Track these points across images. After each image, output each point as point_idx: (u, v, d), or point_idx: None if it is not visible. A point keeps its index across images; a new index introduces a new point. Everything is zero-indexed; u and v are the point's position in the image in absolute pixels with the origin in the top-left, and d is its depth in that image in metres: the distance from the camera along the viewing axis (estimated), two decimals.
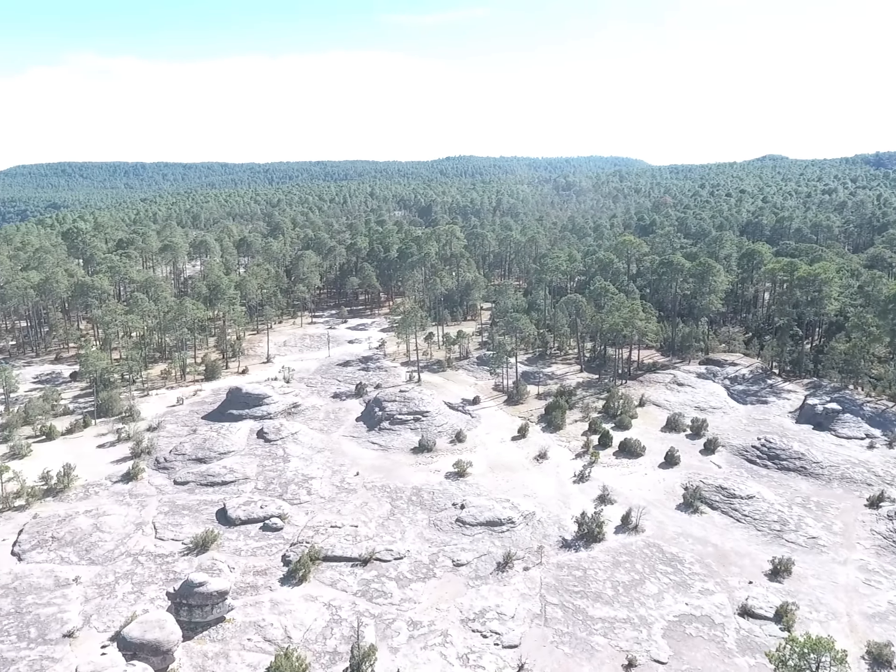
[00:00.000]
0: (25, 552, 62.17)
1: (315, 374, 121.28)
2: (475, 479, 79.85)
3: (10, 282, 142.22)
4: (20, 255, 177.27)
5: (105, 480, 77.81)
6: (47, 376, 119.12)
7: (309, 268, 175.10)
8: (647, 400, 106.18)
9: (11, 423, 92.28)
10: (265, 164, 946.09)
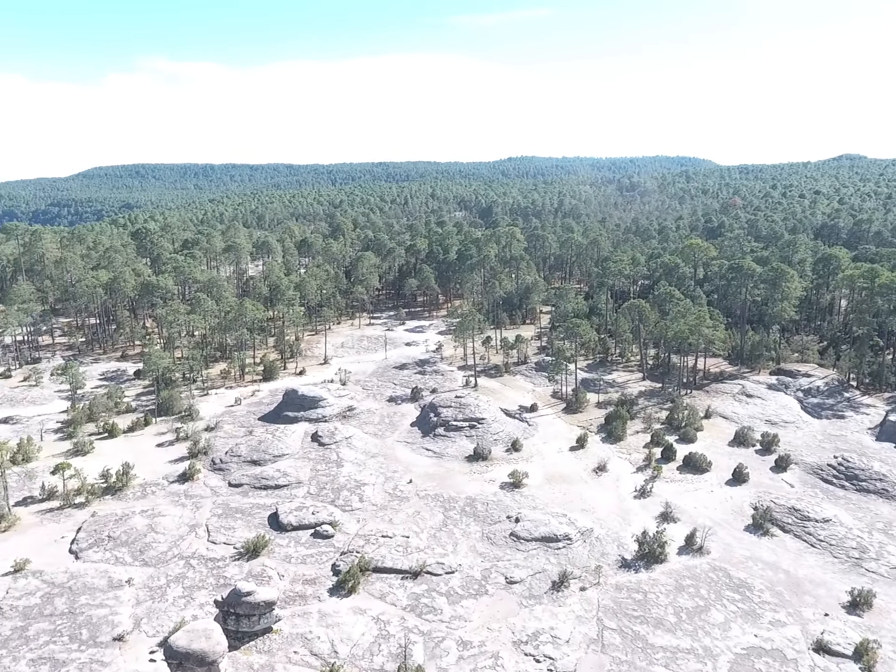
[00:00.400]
0: (82, 551, 62.89)
1: (371, 376, 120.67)
2: (531, 491, 77.38)
3: (80, 280, 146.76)
4: (92, 255, 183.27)
5: (162, 480, 78.52)
6: (112, 374, 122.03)
7: (368, 269, 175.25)
8: (713, 412, 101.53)
9: (76, 420, 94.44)
10: (329, 165, 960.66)
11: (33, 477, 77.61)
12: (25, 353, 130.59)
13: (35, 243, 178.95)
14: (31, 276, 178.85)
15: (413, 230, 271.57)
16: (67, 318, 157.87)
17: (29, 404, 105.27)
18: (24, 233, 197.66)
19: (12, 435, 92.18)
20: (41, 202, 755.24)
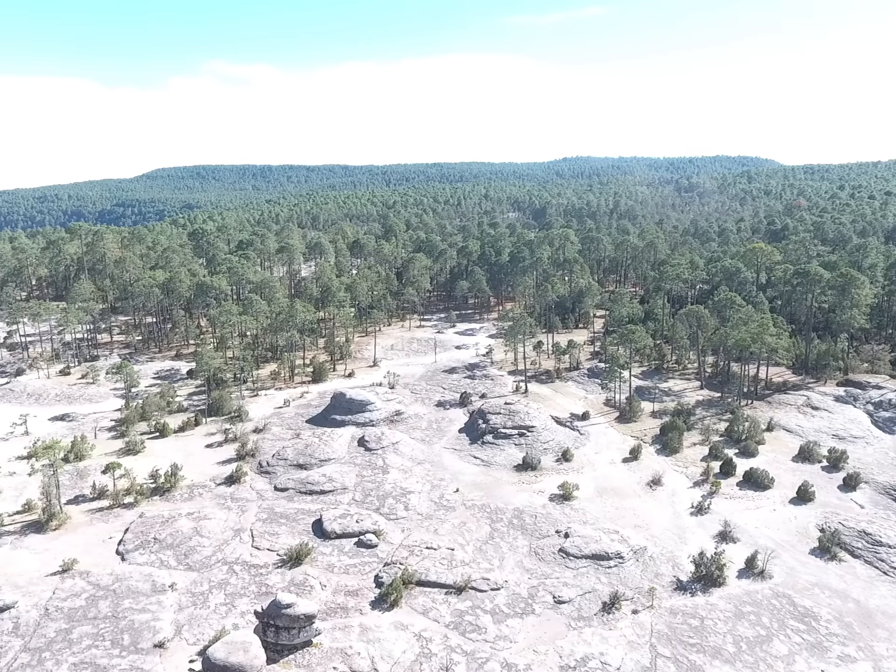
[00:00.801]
0: (129, 552, 63.07)
1: (420, 380, 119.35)
2: (581, 504, 74.66)
3: (138, 280, 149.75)
4: (150, 255, 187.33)
5: (209, 482, 78.60)
6: (166, 372, 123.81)
7: (419, 271, 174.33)
8: (775, 424, 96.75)
9: (129, 419, 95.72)
10: (383, 166, 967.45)
11: (85, 475, 78.71)
12: (84, 350, 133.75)
13: (97, 243, 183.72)
14: (93, 274, 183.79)
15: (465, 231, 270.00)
16: (126, 317, 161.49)
17: (85, 402, 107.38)
18: (87, 233, 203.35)
19: (68, 432, 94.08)
20: (107, 202, 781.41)
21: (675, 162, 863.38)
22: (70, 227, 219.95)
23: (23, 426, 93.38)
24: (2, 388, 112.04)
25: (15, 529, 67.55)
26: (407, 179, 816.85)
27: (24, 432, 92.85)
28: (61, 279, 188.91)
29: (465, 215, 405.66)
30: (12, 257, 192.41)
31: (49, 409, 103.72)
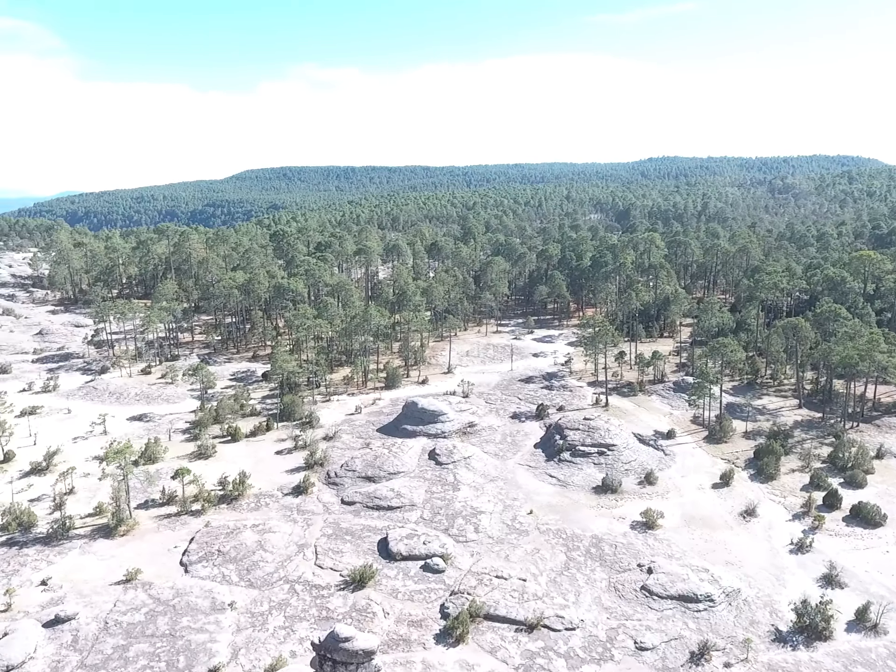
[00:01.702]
0: (192, 564, 61.72)
1: (495, 389, 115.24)
2: (666, 535, 68.85)
3: (219, 280, 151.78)
4: (233, 255, 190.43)
5: (276, 491, 76.95)
6: (242, 374, 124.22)
7: (497, 275, 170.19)
8: (886, 451, 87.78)
9: (203, 422, 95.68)
10: (464, 167, 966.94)
11: (156, 479, 78.46)
12: (166, 350, 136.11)
13: (183, 243, 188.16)
14: (178, 274, 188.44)
15: (545, 234, 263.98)
16: (208, 316, 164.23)
17: (163, 402, 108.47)
18: (174, 233, 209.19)
19: (144, 433, 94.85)
20: (198, 203, 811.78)
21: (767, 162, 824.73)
22: (158, 227, 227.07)
23: (101, 426, 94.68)
24: (86, 386, 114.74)
25: (85, 533, 67.53)
26: (488, 180, 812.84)
27: (103, 432, 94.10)
28: (149, 278, 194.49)
29: (546, 217, 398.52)
30: (105, 256, 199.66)
31: (128, 408, 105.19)
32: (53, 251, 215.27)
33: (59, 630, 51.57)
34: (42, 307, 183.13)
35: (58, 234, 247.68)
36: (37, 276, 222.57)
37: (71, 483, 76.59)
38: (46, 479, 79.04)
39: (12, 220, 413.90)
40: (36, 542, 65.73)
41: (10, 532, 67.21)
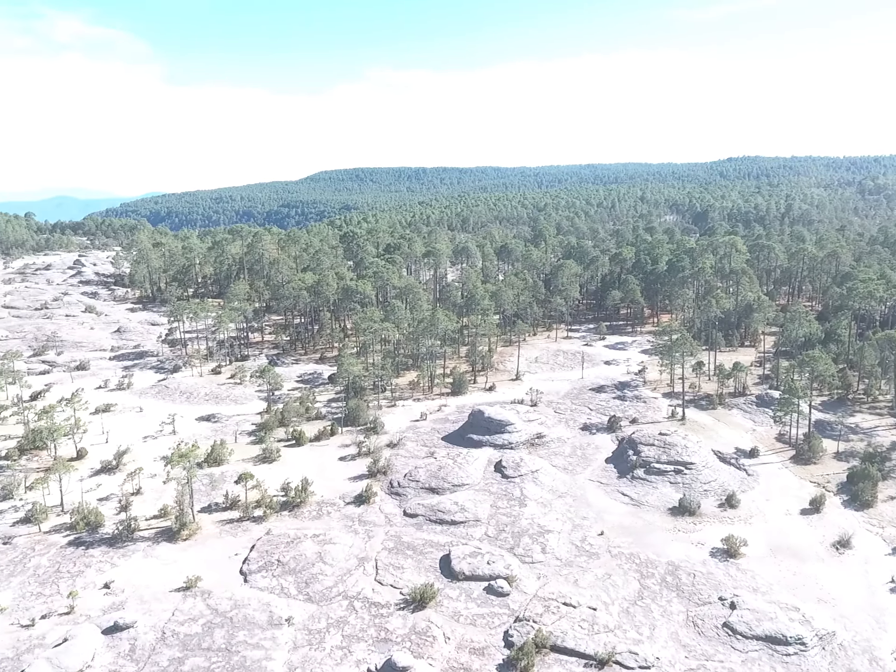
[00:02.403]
0: (251, 573, 60.63)
1: (565, 398, 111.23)
2: (750, 565, 63.77)
3: (289, 281, 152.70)
4: (304, 256, 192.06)
5: (338, 500, 75.43)
6: (309, 376, 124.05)
7: (569, 278, 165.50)
8: None
9: (268, 425, 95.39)
10: (536, 167, 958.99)
11: (220, 482, 78.29)
12: (236, 349, 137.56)
13: (256, 244, 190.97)
14: (251, 274, 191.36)
15: (619, 236, 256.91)
16: (278, 317, 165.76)
17: (231, 403, 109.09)
18: (248, 234, 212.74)
19: (211, 433, 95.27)
20: (274, 203, 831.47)
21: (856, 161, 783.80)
22: (232, 228, 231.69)
23: (170, 425, 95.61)
24: (158, 385, 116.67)
25: (149, 535, 67.52)
26: (559, 181, 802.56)
27: (172, 431, 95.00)
28: (224, 278, 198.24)
29: (619, 218, 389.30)
30: (182, 256, 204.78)
31: (197, 407, 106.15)
32: (134, 250, 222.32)
33: (118, 638, 51.08)
34: (122, 305, 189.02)
35: (139, 234, 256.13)
36: (118, 274, 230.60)
37: (138, 483, 77.10)
38: (115, 478, 79.91)
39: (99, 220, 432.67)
40: (102, 542, 66.06)
41: (77, 531, 67.80)
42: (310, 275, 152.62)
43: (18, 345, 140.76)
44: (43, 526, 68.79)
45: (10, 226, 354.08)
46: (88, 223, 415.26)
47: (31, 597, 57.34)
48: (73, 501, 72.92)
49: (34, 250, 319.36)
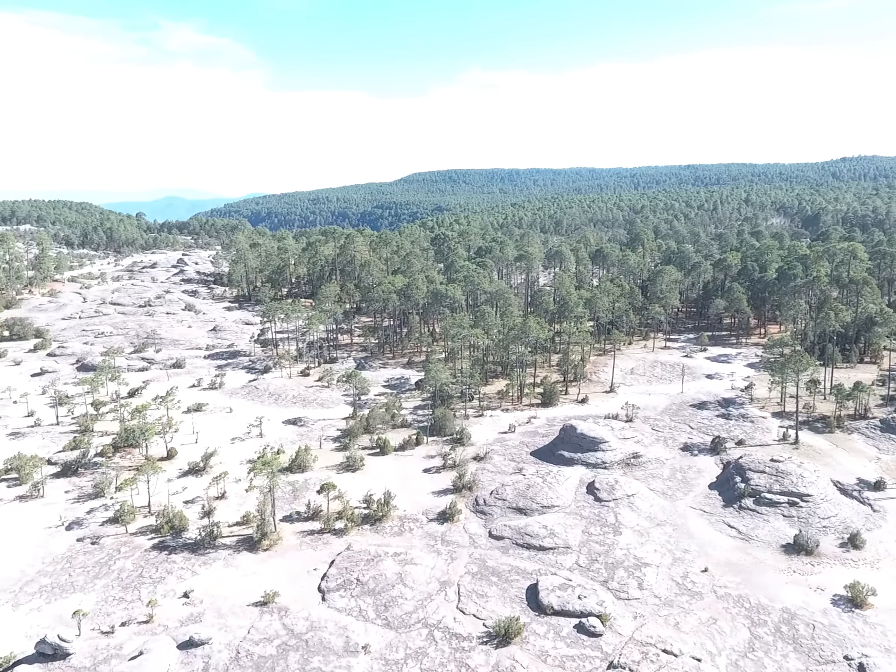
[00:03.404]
0: (330, 591, 58.30)
1: (663, 414, 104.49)
2: (880, 618, 56.19)
3: (379, 284, 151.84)
4: (394, 258, 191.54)
5: (421, 516, 72.41)
6: (396, 381, 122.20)
7: (668, 285, 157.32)
8: None
9: (353, 431, 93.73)
10: (632, 168, 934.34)
11: (303, 491, 76.87)
12: (325, 351, 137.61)
13: (348, 245, 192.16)
14: (343, 276, 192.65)
15: (722, 240, 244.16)
16: (368, 319, 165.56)
17: (317, 406, 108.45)
18: (340, 236, 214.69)
19: (297, 438, 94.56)
20: (368, 204, 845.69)
21: None
22: (325, 229, 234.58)
23: (258, 428, 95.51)
24: (249, 385, 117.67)
25: (231, 543, 66.53)
26: (657, 182, 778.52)
27: (259, 434, 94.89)
28: (316, 278, 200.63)
29: (721, 221, 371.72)
30: (277, 256, 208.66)
31: (285, 410, 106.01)
32: (233, 250, 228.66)
33: (192, 654, 49.67)
34: (219, 303, 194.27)
35: (238, 235, 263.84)
36: (217, 273, 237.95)
37: (223, 488, 76.67)
38: (202, 480, 79.92)
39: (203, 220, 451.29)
40: (184, 548, 65.55)
41: (162, 535, 67.63)
42: (400, 277, 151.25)
43: (121, 341, 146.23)
44: (130, 527, 69.12)
45: (122, 225, 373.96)
46: (193, 223, 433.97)
47: (114, 601, 57.07)
48: (160, 503, 73.16)
49: (143, 248, 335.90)
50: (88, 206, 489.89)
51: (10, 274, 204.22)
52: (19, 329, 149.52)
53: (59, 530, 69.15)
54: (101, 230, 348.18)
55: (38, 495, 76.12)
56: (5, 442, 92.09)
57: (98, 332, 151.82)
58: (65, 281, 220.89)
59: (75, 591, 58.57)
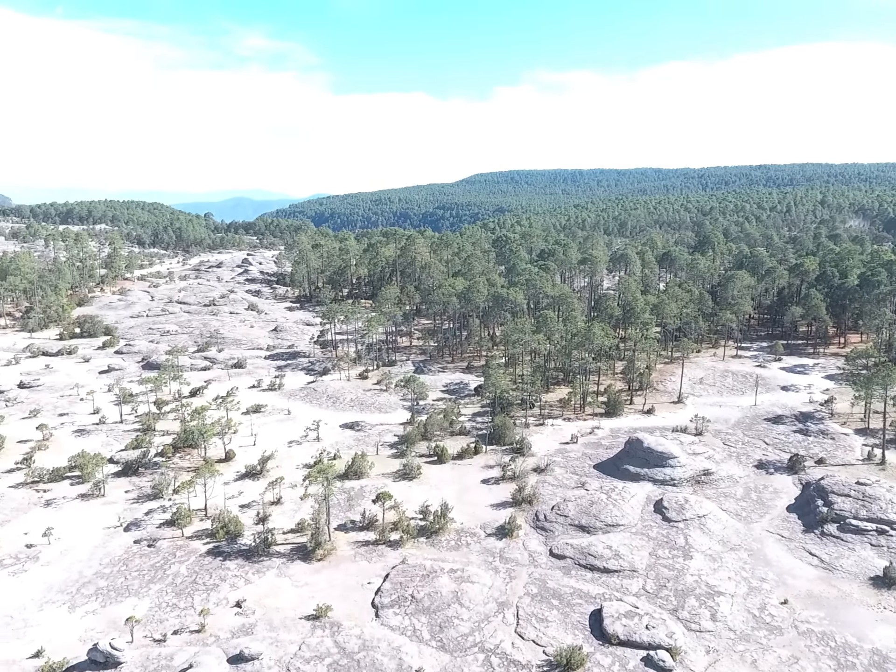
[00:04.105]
0: (384, 607, 56.28)
1: (735, 427, 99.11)
2: None
3: (439, 286, 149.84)
4: (455, 260, 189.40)
5: (479, 530, 69.78)
6: (455, 386, 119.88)
7: (740, 291, 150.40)
8: None
9: (411, 438, 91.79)
10: (700, 168, 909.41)
11: (359, 497, 75.42)
12: (384, 354, 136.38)
13: (409, 247, 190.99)
14: (403, 277, 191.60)
15: (797, 244, 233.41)
16: (428, 321, 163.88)
17: (375, 410, 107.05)
18: (401, 237, 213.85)
19: (354, 443, 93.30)
20: (429, 205, 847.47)
21: None
22: (387, 230, 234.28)
23: (315, 431, 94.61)
24: (307, 387, 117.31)
25: (284, 551, 65.32)
26: (726, 183, 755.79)
27: (316, 438, 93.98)
28: (377, 279, 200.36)
29: (795, 224, 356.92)
30: (338, 257, 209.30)
31: (342, 414, 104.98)
32: (295, 250, 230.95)
33: (242, 670, 48.30)
34: (281, 303, 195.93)
35: (300, 235, 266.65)
36: (280, 273, 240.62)
37: (279, 493, 75.74)
38: (258, 484, 79.25)
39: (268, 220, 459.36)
40: (239, 554, 64.66)
41: (217, 539, 66.99)
42: (460, 280, 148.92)
43: (185, 340, 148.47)
44: (186, 530, 68.75)
45: (190, 225, 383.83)
46: (259, 223, 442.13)
47: (167, 608, 56.43)
48: (216, 506, 72.72)
49: (210, 248, 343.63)
50: (160, 207, 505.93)
51: (83, 272, 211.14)
52: (90, 326, 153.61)
53: (117, 531, 69.36)
54: (170, 230, 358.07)
55: (99, 494, 76.77)
56: (71, 439, 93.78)
57: (164, 331, 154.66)
58: (134, 279, 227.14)
59: (130, 595, 58.23)
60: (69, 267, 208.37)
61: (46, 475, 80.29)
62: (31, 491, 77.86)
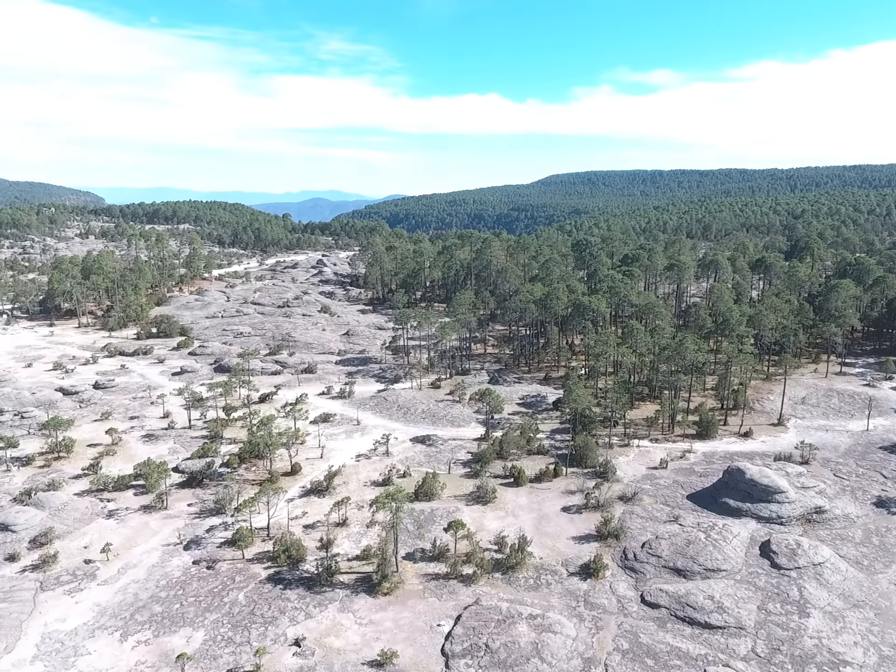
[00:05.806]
0: (454, 656, 50.55)
1: (846, 456, 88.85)
2: None
3: (516, 292, 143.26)
4: (532, 264, 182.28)
5: (560, 567, 63.17)
6: (532, 398, 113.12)
7: (845, 301, 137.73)
8: None
9: (485, 457, 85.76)
10: (788, 169, 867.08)
11: (429, 522, 70.05)
12: (457, 362, 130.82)
13: (484, 250, 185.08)
14: (478, 281, 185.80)
15: None
16: (503, 327, 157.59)
17: (447, 424, 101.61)
18: (476, 240, 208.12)
19: (425, 459, 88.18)
20: (504, 207, 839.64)
21: None
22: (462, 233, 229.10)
23: (384, 445, 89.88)
24: (377, 396, 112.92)
25: (349, 581, 60.50)
26: (817, 184, 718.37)
27: (385, 452, 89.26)
28: (451, 283, 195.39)
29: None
30: (412, 259, 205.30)
31: (413, 427, 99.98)
32: (369, 252, 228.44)
33: None
34: (354, 306, 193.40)
35: (374, 237, 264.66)
36: (354, 274, 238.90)
37: (345, 514, 71.13)
38: (323, 502, 74.90)
39: (344, 221, 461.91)
40: (300, 583, 60.18)
41: (279, 564, 62.81)
42: (539, 286, 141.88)
43: (258, 342, 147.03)
44: (247, 552, 64.88)
45: (269, 226, 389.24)
46: (334, 224, 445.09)
47: (222, 642, 52.34)
48: (279, 525, 68.78)
49: (286, 248, 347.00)
50: (240, 207, 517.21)
51: (163, 272, 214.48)
52: (166, 326, 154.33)
53: (177, 549, 66.15)
54: (249, 230, 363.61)
55: (161, 507, 74.08)
56: (139, 444, 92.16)
57: (237, 332, 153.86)
58: (212, 279, 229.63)
59: (185, 625, 54.48)
60: (149, 266, 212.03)
61: (111, 483, 78.32)
62: (95, 500, 75.95)
